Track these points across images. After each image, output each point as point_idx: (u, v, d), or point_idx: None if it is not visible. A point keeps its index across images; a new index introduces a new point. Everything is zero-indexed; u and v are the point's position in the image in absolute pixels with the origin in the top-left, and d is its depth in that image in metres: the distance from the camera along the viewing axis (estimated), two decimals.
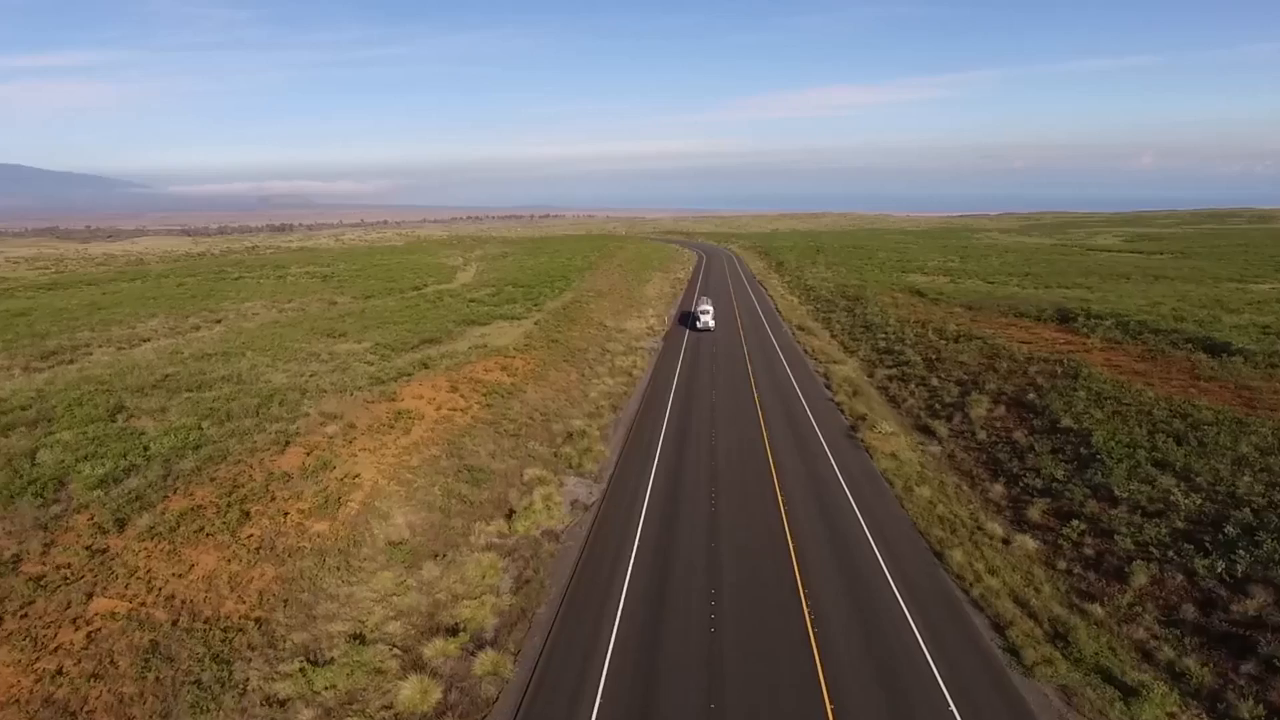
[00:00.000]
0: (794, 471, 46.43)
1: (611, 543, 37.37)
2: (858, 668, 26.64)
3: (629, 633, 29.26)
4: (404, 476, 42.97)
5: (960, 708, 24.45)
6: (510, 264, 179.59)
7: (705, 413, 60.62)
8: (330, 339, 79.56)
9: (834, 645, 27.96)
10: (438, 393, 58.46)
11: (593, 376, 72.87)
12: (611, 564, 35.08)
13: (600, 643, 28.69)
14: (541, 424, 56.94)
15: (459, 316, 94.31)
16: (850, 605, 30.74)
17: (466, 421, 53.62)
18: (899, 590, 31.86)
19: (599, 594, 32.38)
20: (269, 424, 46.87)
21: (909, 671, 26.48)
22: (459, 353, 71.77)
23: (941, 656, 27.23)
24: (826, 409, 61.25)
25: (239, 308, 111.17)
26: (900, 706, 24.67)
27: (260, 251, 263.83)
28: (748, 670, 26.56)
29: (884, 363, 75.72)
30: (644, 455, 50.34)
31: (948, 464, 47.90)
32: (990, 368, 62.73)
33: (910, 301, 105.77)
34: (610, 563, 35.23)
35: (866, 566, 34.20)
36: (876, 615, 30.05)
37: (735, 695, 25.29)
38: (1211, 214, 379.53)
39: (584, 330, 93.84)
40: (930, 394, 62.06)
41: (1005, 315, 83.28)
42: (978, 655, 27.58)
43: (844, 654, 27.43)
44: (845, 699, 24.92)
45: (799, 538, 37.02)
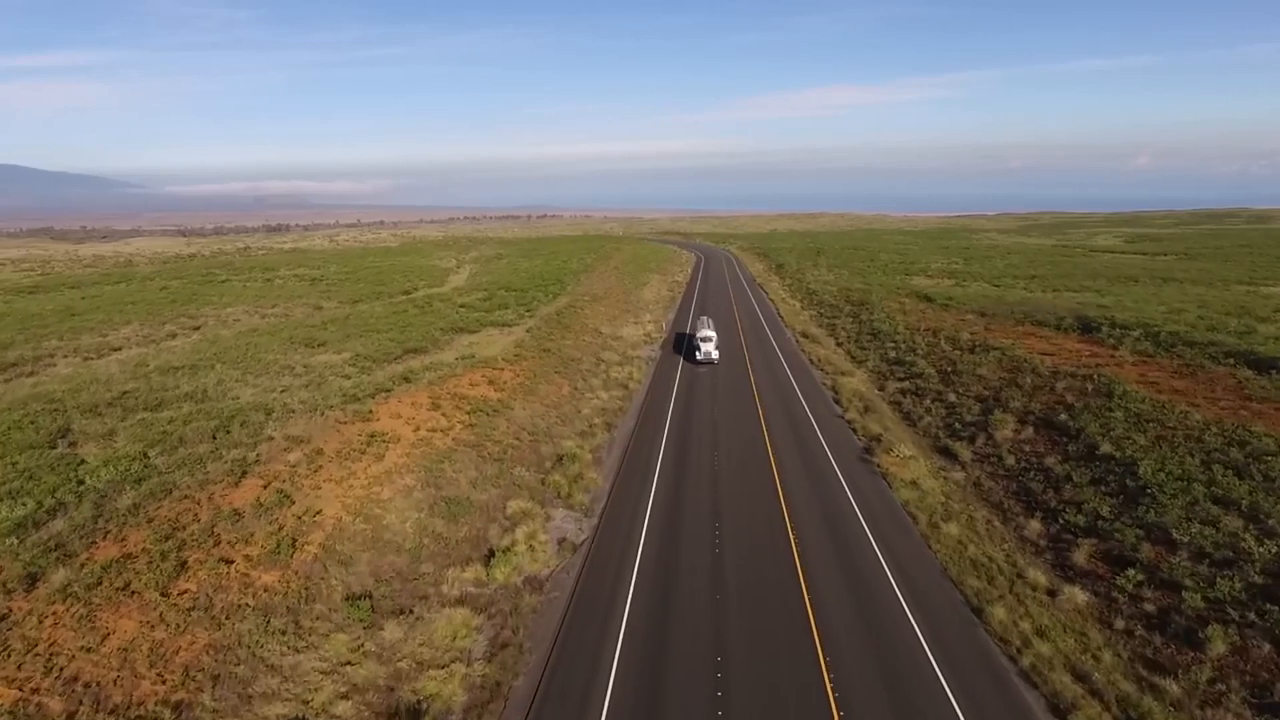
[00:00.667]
0: (806, 505, 41.89)
1: (601, 597, 32.77)
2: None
3: (620, 717, 24.80)
4: (372, 512, 38.46)
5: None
6: (504, 266, 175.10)
7: (706, 433, 56.13)
8: (309, 349, 75.07)
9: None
10: (417, 411, 53.97)
11: (586, 390, 68.39)
12: (601, 625, 30.46)
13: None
14: (529, 445, 52.42)
15: (448, 323, 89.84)
16: (882, 685, 26.04)
17: (447, 444, 49.09)
18: (937, 661, 27.29)
19: (585, 664, 27.80)
20: (226, 450, 42.37)
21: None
22: (444, 364, 67.33)
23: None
24: (837, 427, 56.78)
25: (220, 313, 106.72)
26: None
27: (252, 253, 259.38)
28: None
29: (895, 375, 71.27)
30: (639, 484, 45.80)
31: (974, 494, 43.41)
32: (1012, 383, 58.28)
33: (918, 307, 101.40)
34: (599, 623, 30.63)
35: (896, 629, 29.62)
36: (913, 696, 25.48)
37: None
38: (1210, 214, 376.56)
39: (578, 338, 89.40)
40: (948, 411, 57.60)
41: (1021, 323, 78.89)
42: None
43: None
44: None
45: (817, 592, 32.45)
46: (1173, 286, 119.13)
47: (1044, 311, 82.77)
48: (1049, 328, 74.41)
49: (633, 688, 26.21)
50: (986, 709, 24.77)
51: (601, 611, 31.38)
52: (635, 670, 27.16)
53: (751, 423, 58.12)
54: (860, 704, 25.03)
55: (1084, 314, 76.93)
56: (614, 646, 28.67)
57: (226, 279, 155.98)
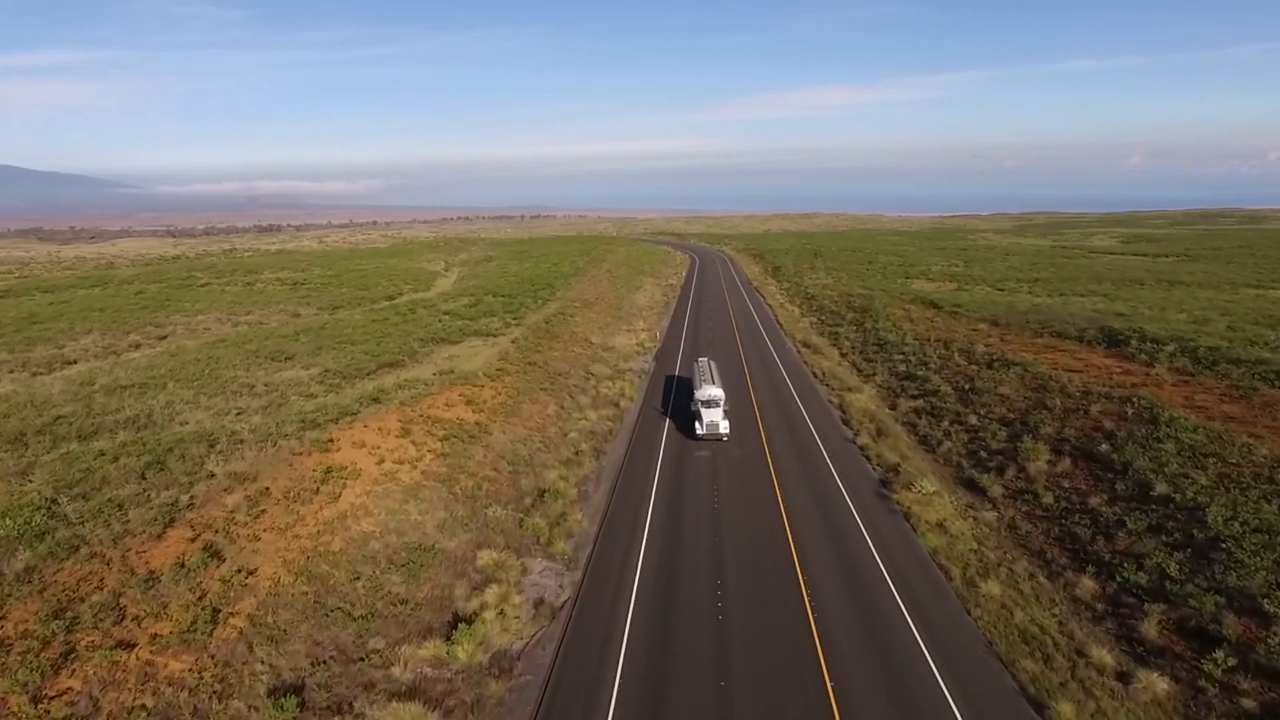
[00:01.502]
0: (821, 556, 36.51)
1: (581, 684, 27.34)
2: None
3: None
4: (318, 569, 32.99)
5: None
6: (493, 270, 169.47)
7: (705, 461, 50.78)
8: (275, 363, 69.48)
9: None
10: (384, 438, 48.46)
11: (573, 409, 63.00)
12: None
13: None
14: (508, 478, 46.97)
15: (429, 333, 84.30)
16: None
17: (414, 479, 43.64)
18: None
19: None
20: (155, 493, 36.87)
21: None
22: (420, 381, 61.81)
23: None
24: (849, 454, 51.45)
25: (190, 321, 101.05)
26: None
27: (238, 254, 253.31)
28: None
29: (907, 391, 66.00)
30: (629, 528, 40.38)
31: (1011, 540, 38.10)
32: (1040, 404, 53.02)
33: (925, 314, 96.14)
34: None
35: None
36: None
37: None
38: (1203, 214, 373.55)
39: (566, 349, 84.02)
40: (970, 436, 52.31)
41: (1040, 334, 73.65)
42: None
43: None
44: None
45: (842, 681, 27.01)
46: (1180, 290, 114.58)
47: (1062, 321, 77.55)
48: (1071, 340, 69.14)
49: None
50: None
51: (581, 706, 26.00)
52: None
53: (755, 448, 52.76)
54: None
55: (1107, 324, 71.70)
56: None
57: (206, 283, 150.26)
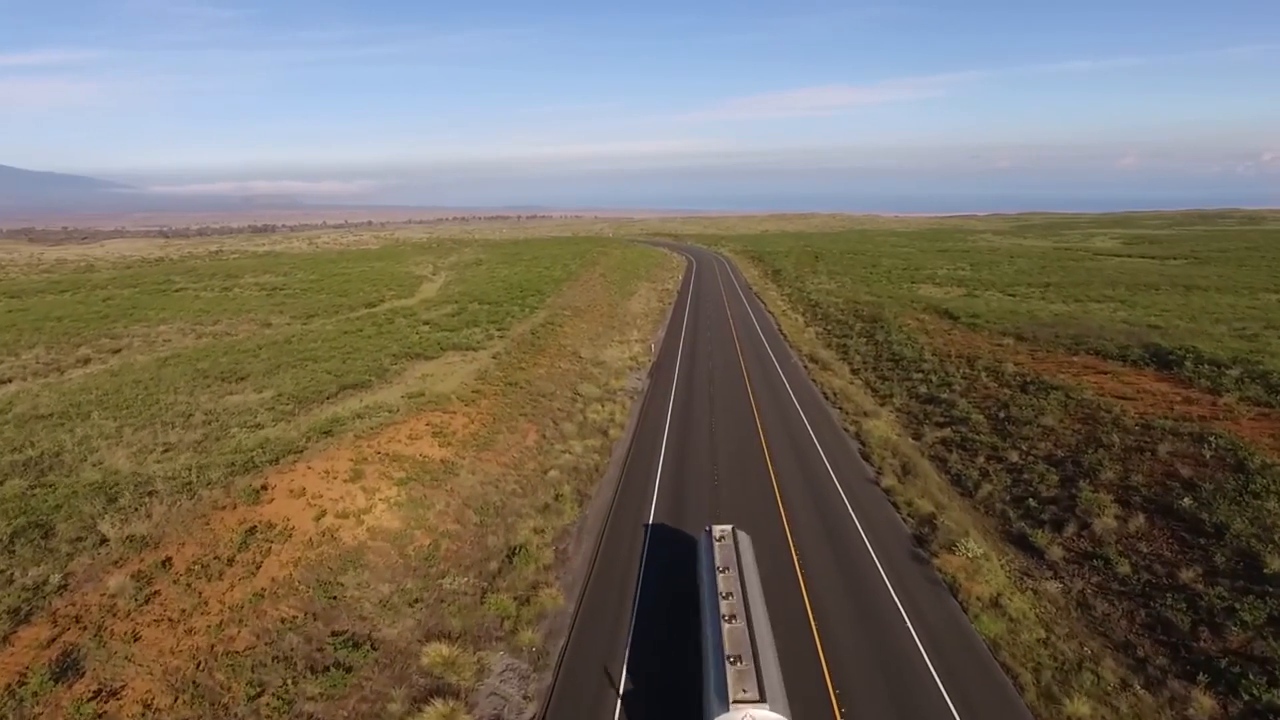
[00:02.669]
0: (854, 648, 29.16)
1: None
2: None
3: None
4: (209, 682, 25.73)
5: None
6: (482, 274, 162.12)
7: (705, 506, 43.50)
8: (224, 384, 62.16)
9: None
10: (329, 484, 41.16)
11: (557, 439, 55.74)
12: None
13: None
14: (473, 534, 39.67)
15: (403, 347, 77.04)
16: None
17: (358, 539, 36.37)
18: None
19: None
20: (21, 570, 29.63)
21: None
22: (384, 407, 54.55)
23: None
24: (873, 501, 44.16)
25: (151, 332, 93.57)
26: None
27: (223, 256, 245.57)
28: None
29: (931, 418, 58.84)
30: (615, 606, 32.99)
31: (1085, 624, 30.90)
32: (1093, 440, 45.85)
33: (941, 326, 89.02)
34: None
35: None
36: None
37: None
38: (1200, 215, 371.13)
39: (553, 364, 76.75)
40: (1013, 478, 45.08)
41: (1075, 352, 66.52)
42: None
43: None
44: None
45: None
46: (1198, 295, 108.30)
47: (1096, 336, 70.47)
48: (1113, 359, 61.99)
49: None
50: None
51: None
52: None
53: (762, 493, 45.48)
54: None
55: (1151, 341, 64.59)
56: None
57: (182, 288, 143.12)
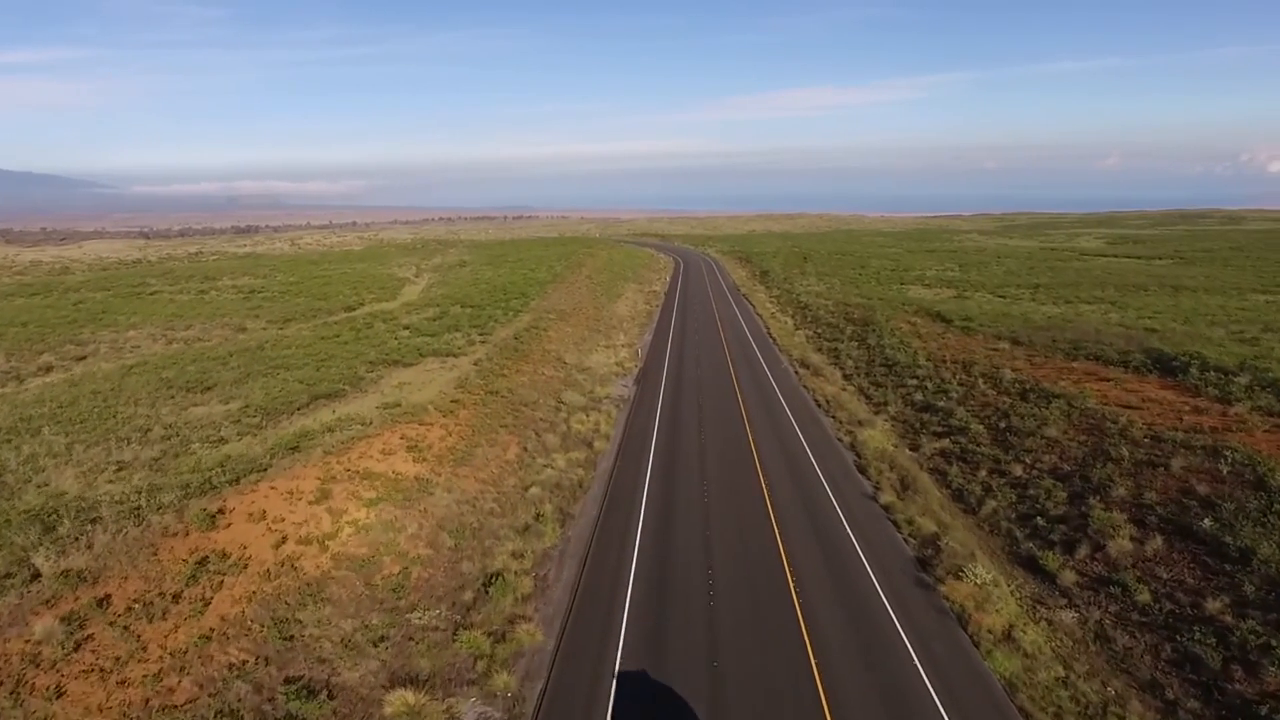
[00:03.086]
0: (858, 687, 26.91)
1: None
2: None
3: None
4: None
5: None
6: (466, 276, 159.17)
7: (696, 527, 41.18)
8: (189, 395, 59.35)
9: None
10: (293, 506, 38.53)
11: (539, 452, 53.24)
12: None
13: None
14: (446, 560, 37.13)
15: (381, 353, 74.39)
16: None
17: (321, 569, 33.77)
18: None
19: None
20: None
21: None
22: (356, 419, 51.94)
23: None
24: (872, 519, 41.89)
25: (119, 338, 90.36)
26: None
27: (203, 258, 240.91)
28: None
29: (928, 427, 56.69)
30: (598, 641, 30.53)
31: (1106, 659, 28.63)
32: (1101, 452, 43.75)
33: (934, 330, 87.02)
34: None
35: None
36: None
37: None
38: (1182, 215, 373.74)
39: (536, 371, 74.20)
40: (1019, 493, 42.89)
41: (1073, 357, 64.56)
42: None
43: None
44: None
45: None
46: (1187, 296, 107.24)
47: (1094, 341, 68.58)
48: (1114, 365, 60.01)
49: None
50: None
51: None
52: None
53: (755, 512, 43.10)
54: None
55: (1152, 347, 62.70)
56: None
57: (157, 290, 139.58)
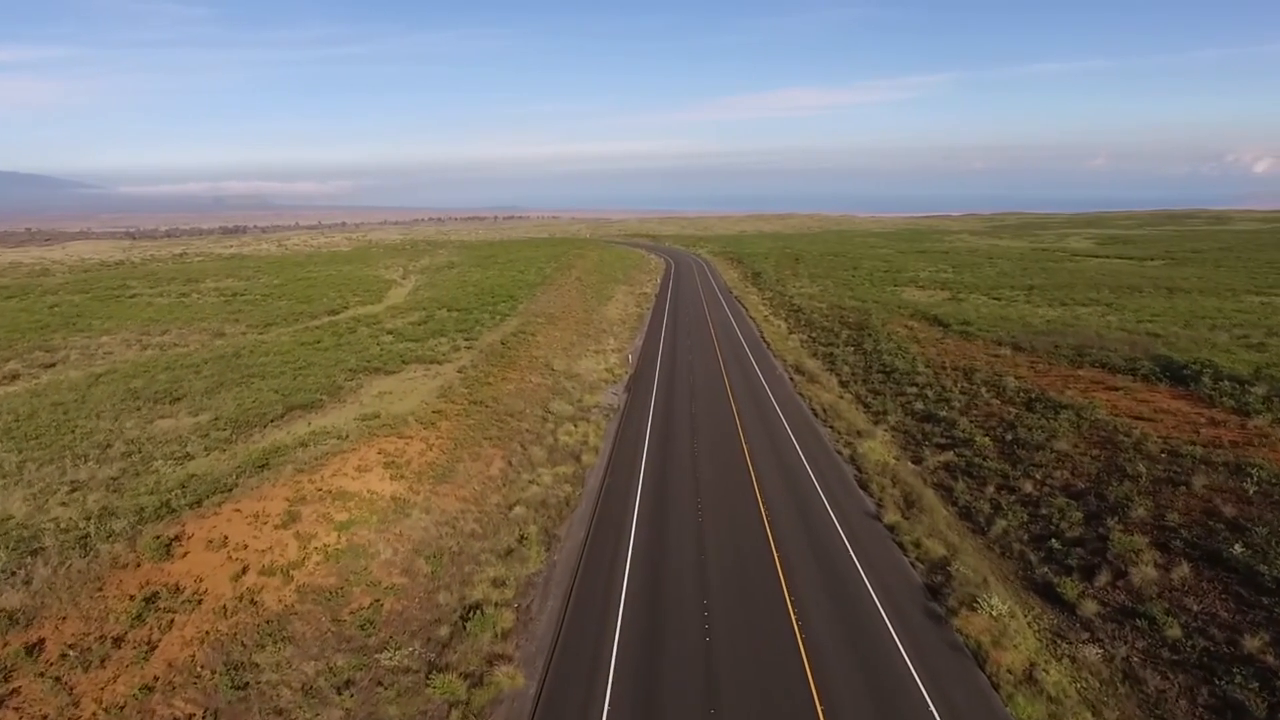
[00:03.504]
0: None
1: None
2: None
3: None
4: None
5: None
6: (453, 278, 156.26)
7: (689, 546, 38.75)
8: (156, 407, 56.56)
9: None
10: (259, 530, 35.95)
11: (524, 466, 50.70)
12: None
13: None
14: (423, 590, 34.52)
15: (362, 360, 71.69)
16: None
17: (283, 602, 31.15)
18: None
19: None
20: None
21: None
22: (332, 432, 49.35)
23: None
24: (876, 541, 39.47)
25: (92, 343, 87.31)
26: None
27: (187, 259, 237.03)
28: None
29: (931, 439, 54.37)
30: (583, 689, 27.97)
31: (1139, 706, 26.23)
32: (1116, 469, 41.52)
33: (932, 334, 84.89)
34: None
35: None
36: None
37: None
38: (1169, 215, 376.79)
39: (523, 379, 71.63)
40: (1030, 512, 40.54)
41: (1078, 364, 62.50)
42: None
43: None
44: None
45: None
46: (1183, 298, 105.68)
47: (1098, 346, 66.52)
48: (1121, 373, 57.90)
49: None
50: None
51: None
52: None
53: (753, 532, 40.67)
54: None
55: (1160, 354, 60.65)
56: None
57: (137, 293, 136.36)
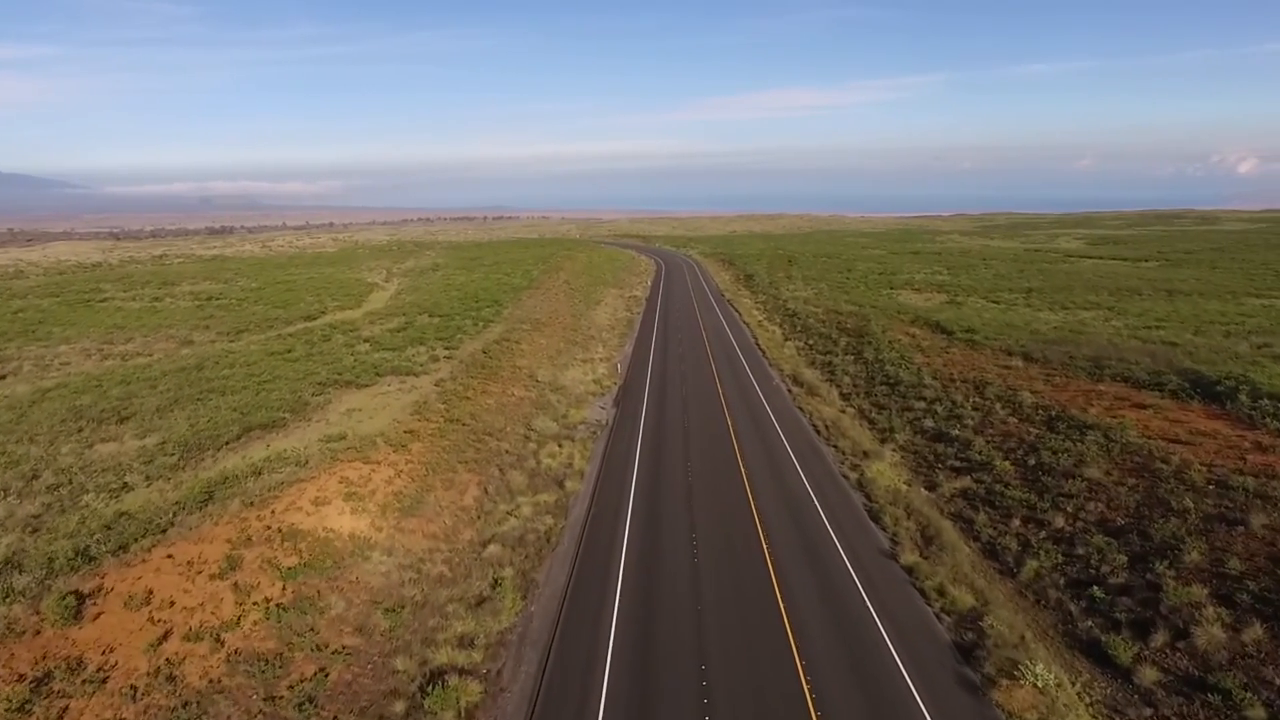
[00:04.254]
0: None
1: None
2: None
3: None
4: None
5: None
6: (437, 281, 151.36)
7: (683, 596, 34.36)
8: (100, 428, 51.75)
9: None
10: (192, 581, 31.37)
11: (502, 494, 46.21)
12: None
13: None
14: (378, 654, 29.93)
15: (334, 371, 66.98)
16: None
17: (209, 675, 26.56)
18: None
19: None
20: None
21: None
22: (291, 457, 44.72)
23: None
24: (895, 588, 34.93)
25: (49, 353, 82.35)
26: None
27: (167, 260, 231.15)
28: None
29: (944, 461, 50.12)
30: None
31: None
32: (1158, 502, 37.31)
33: (936, 342, 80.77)
34: None
35: None
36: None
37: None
38: (1157, 215, 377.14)
39: (505, 391, 67.13)
40: (1064, 552, 36.18)
41: (1098, 378, 58.39)
42: None
43: None
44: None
45: None
46: (1183, 300, 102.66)
47: (1116, 358, 62.56)
48: (1146, 389, 53.81)
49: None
50: None
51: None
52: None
53: (756, 576, 36.27)
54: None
55: (1186, 366, 56.69)
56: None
57: (108, 297, 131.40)
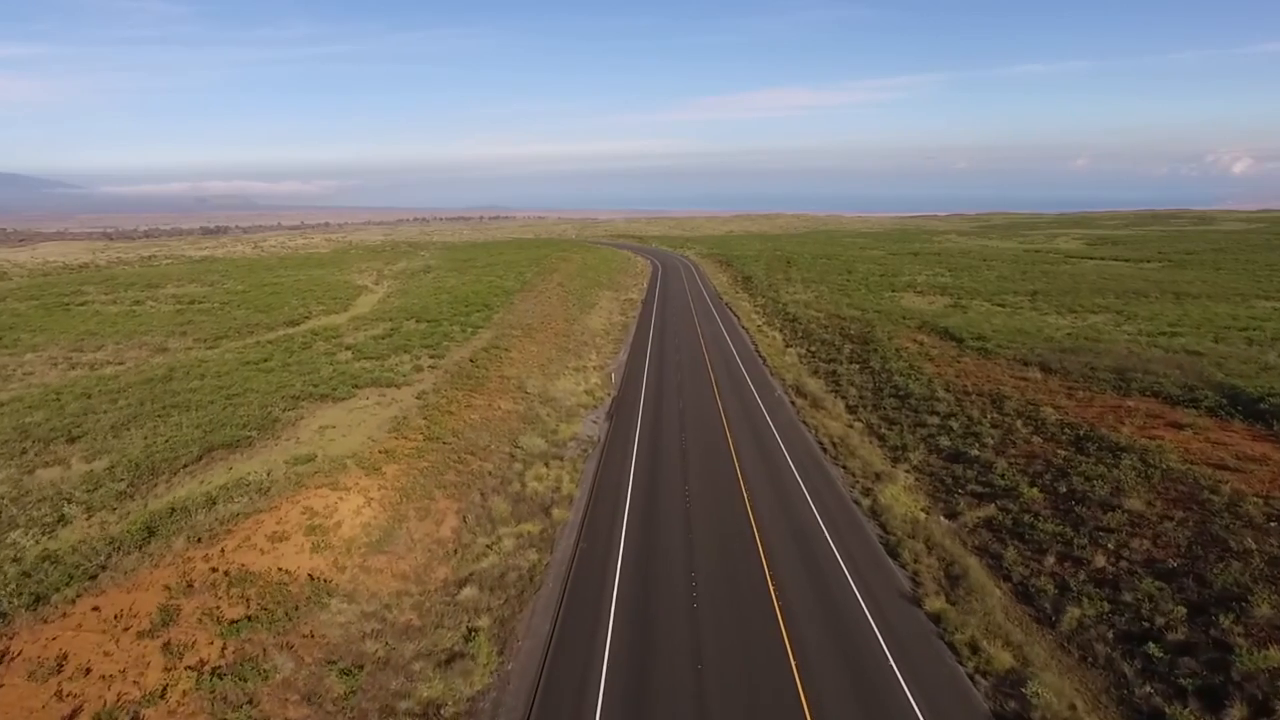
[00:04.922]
0: None
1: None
2: None
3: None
4: None
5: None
6: (428, 284, 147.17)
7: (682, 652, 30.34)
8: (48, 448, 47.66)
9: None
10: (115, 641, 27.36)
11: (482, 525, 42.17)
12: None
13: None
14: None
15: (310, 383, 62.94)
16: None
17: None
18: None
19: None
20: None
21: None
22: (252, 483, 40.71)
23: None
24: (921, 639, 30.86)
25: (13, 361, 78.21)
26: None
27: (155, 261, 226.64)
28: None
29: (963, 486, 46.07)
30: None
31: None
32: (1212, 540, 33.35)
33: (946, 350, 76.83)
34: None
35: None
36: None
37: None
38: (1153, 215, 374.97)
39: (491, 404, 63.09)
40: (1109, 597, 32.10)
41: (1124, 391, 54.52)
42: None
43: None
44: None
45: None
46: (1191, 303, 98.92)
47: (1141, 370, 58.74)
48: (1181, 405, 49.87)
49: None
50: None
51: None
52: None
53: (764, 627, 32.15)
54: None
55: (1221, 380, 52.84)
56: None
57: (89, 300, 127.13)
